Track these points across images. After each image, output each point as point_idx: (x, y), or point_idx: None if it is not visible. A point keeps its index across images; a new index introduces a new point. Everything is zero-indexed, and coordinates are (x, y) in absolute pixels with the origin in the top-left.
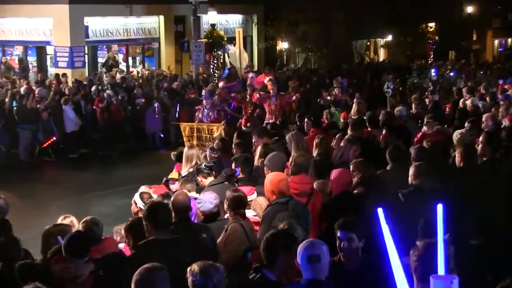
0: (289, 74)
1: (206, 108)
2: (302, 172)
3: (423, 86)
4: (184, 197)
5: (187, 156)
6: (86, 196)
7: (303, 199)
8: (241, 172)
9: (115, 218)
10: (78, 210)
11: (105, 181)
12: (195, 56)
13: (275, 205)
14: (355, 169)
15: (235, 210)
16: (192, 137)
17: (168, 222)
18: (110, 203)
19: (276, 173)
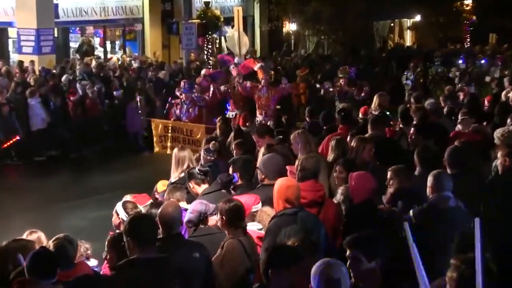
0: (298, 61)
1: (186, 103)
2: (311, 178)
3: (449, 76)
4: (174, 209)
5: (178, 159)
6: (55, 207)
7: (314, 209)
8: (239, 178)
9: (89, 232)
10: (46, 224)
11: (79, 189)
12: (185, 40)
13: (281, 217)
14: (393, 176)
15: (233, 224)
16: (165, 137)
17: (154, 238)
18: (84, 215)
19: (284, 179)
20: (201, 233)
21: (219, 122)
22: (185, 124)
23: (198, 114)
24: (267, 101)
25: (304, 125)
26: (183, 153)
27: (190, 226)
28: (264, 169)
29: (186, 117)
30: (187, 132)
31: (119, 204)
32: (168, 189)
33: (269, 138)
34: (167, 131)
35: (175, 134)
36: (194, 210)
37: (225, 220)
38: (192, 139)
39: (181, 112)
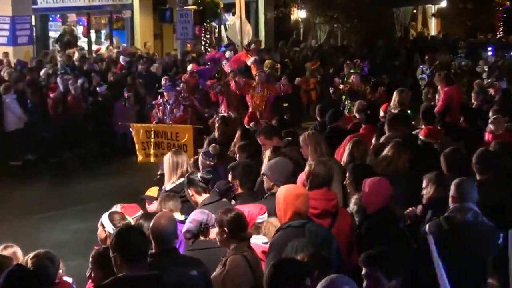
0: (307, 53)
1: (169, 103)
2: (323, 186)
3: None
4: (167, 220)
5: (173, 164)
6: (32, 218)
7: (326, 220)
8: (239, 186)
9: (72, 247)
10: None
11: (59, 198)
12: (180, 29)
13: (287, 230)
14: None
15: (236, 236)
16: (148, 143)
17: (144, 253)
18: (66, 228)
19: (291, 187)
20: (200, 246)
21: (217, 123)
22: (169, 127)
23: (184, 115)
24: (262, 100)
25: (314, 125)
26: (179, 157)
27: (189, 238)
28: (272, 175)
29: (170, 119)
30: (171, 136)
31: (105, 215)
32: (160, 198)
33: (277, 140)
34: (149, 136)
35: (158, 139)
36: (194, 220)
37: (227, 233)
38: (178, 144)
39: (164, 113)
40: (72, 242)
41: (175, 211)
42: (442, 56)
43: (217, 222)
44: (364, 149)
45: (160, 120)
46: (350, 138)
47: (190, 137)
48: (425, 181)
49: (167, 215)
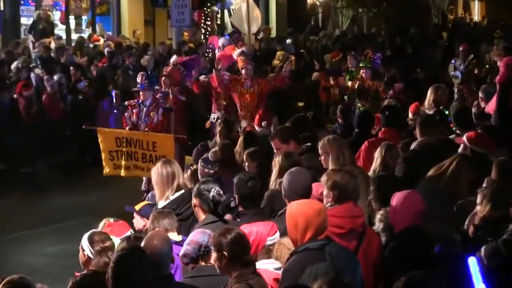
0: (327, 43)
1: (145, 105)
2: (348, 200)
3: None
4: (162, 241)
5: (165, 176)
6: (2, 238)
7: (352, 242)
8: (239, 203)
9: (48, 274)
10: None
11: (32, 214)
12: (176, 15)
13: (304, 253)
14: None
15: (238, 260)
16: (118, 153)
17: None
18: (40, 250)
19: (308, 202)
20: (199, 273)
21: (219, 126)
22: (145, 135)
23: (163, 120)
24: (253, 98)
25: (335, 128)
26: (171, 167)
27: (186, 262)
28: (288, 187)
29: (146, 125)
30: (148, 145)
31: (86, 235)
32: (153, 215)
33: (295, 144)
34: (120, 144)
35: (131, 148)
36: (192, 241)
37: (226, 257)
38: (156, 155)
39: (139, 117)
40: (47, 267)
41: (170, 230)
42: (488, 47)
43: (214, 246)
44: (398, 155)
45: (134, 124)
46: (368, 144)
47: (170, 148)
48: (479, 197)
49: (161, 234)
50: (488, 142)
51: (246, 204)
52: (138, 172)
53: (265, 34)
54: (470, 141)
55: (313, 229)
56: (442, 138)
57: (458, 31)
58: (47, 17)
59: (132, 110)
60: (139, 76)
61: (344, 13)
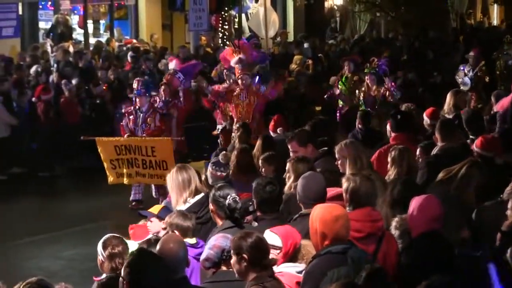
0: (344, 47)
1: (141, 111)
2: (368, 204)
3: None
4: (177, 245)
5: (180, 182)
6: (19, 242)
7: (370, 246)
8: (257, 208)
9: (65, 277)
10: (6, 266)
11: (50, 218)
12: (194, 19)
13: (326, 257)
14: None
15: (258, 264)
16: (119, 161)
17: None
18: (58, 254)
19: (328, 207)
20: (221, 278)
21: (238, 131)
22: (143, 140)
23: (161, 126)
24: (248, 110)
25: (355, 132)
26: (185, 173)
27: (208, 267)
28: (302, 192)
29: (144, 131)
30: (147, 151)
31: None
32: (169, 218)
33: (312, 148)
34: (120, 152)
35: (130, 155)
36: (215, 246)
37: (246, 260)
38: (156, 160)
39: (136, 123)
40: (64, 271)
41: (186, 233)
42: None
43: (234, 249)
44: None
45: (131, 131)
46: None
47: (169, 152)
48: (510, 203)
49: (176, 238)
50: (496, 146)
51: (264, 208)
52: (140, 179)
53: (282, 38)
54: (477, 145)
55: (330, 235)
56: (461, 142)
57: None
58: (65, 21)
59: (128, 117)
60: (135, 82)
61: (362, 17)
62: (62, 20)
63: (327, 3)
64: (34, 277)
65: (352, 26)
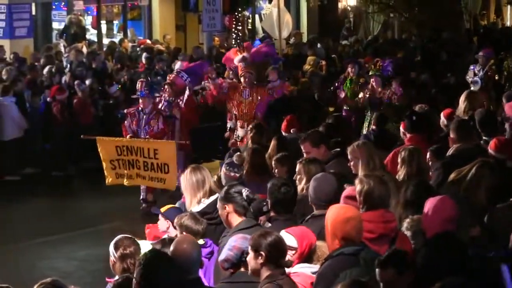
0: (358, 48)
1: (145, 112)
2: (381, 206)
3: None
4: (191, 245)
5: (194, 182)
6: (31, 242)
7: (383, 247)
8: (271, 208)
9: (79, 278)
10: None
11: (63, 219)
12: (207, 20)
13: (339, 258)
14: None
15: (274, 262)
16: (120, 161)
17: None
18: (71, 254)
19: (340, 208)
20: (238, 279)
21: (251, 132)
22: (146, 142)
23: (165, 128)
24: (251, 108)
25: (368, 134)
26: (200, 174)
27: (227, 268)
28: (314, 194)
29: (147, 133)
30: (149, 152)
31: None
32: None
33: (325, 149)
34: (121, 152)
35: (132, 156)
36: (235, 247)
37: (264, 257)
38: (158, 163)
39: (138, 125)
40: (78, 271)
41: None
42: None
43: (252, 246)
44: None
45: (133, 133)
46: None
47: (172, 155)
48: None
49: (189, 239)
50: (508, 148)
51: (278, 209)
52: (140, 181)
53: (296, 39)
54: (491, 147)
55: (339, 236)
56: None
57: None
58: (78, 21)
59: (131, 118)
60: (139, 83)
61: (376, 18)
62: (75, 21)
63: (341, 4)
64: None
65: (365, 27)
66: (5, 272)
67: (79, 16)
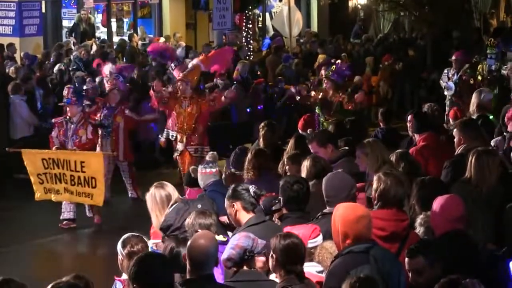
0: (369, 47)
1: (72, 122)
2: (395, 206)
3: None
4: (209, 241)
5: (158, 201)
6: (42, 240)
7: (394, 245)
8: (283, 206)
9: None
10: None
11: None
12: (217, 18)
13: (348, 256)
14: None
15: (288, 266)
16: (47, 175)
17: (169, 283)
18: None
19: (350, 206)
20: (242, 277)
21: (263, 130)
22: (72, 153)
23: (93, 139)
24: (190, 121)
25: (376, 132)
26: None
27: (230, 267)
28: (328, 191)
29: (74, 143)
30: (76, 165)
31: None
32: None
33: (332, 149)
34: (48, 165)
35: (59, 170)
36: (237, 246)
37: (275, 260)
38: (84, 177)
39: (65, 135)
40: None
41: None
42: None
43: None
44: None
45: (61, 144)
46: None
47: (99, 168)
48: None
49: (208, 235)
50: None
51: (291, 207)
52: (68, 196)
53: (308, 37)
54: None
55: (351, 235)
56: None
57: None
58: (88, 19)
59: (59, 128)
60: (65, 89)
61: (386, 17)
62: (84, 18)
63: (351, 2)
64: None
65: (376, 25)
66: None
67: (88, 13)
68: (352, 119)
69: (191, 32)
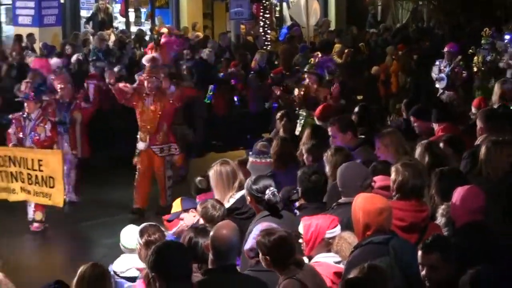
0: (386, 38)
1: (30, 119)
2: (414, 196)
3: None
4: (231, 231)
5: (225, 175)
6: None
7: (413, 236)
8: (301, 196)
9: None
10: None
11: (91, 206)
12: (235, 8)
13: (368, 247)
14: None
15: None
16: (3, 173)
17: (187, 272)
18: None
19: (371, 197)
20: (262, 268)
21: (281, 120)
22: (30, 151)
23: (53, 136)
24: (153, 119)
25: (399, 122)
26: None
27: (252, 257)
28: (343, 182)
29: (32, 141)
30: (33, 164)
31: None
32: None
33: (351, 136)
34: (3, 163)
35: (15, 168)
36: None
37: (268, 261)
38: (42, 176)
39: (24, 132)
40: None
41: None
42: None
43: (258, 246)
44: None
45: (18, 141)
46: None
47: (58, 167)
48: None
49: (231, 225)
50: None
51: (309, 197)
52: (25, 196)
53: (324, 27)
54: None
55: (373, 227)
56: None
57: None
58: (106, 9)
59: (16, 124)
60: (23, 84)
61: (404, 6)
62: (102, 8)
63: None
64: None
65: (393, 14)
66: None
67: (106, 3)
68: None
69: (209, 22)
